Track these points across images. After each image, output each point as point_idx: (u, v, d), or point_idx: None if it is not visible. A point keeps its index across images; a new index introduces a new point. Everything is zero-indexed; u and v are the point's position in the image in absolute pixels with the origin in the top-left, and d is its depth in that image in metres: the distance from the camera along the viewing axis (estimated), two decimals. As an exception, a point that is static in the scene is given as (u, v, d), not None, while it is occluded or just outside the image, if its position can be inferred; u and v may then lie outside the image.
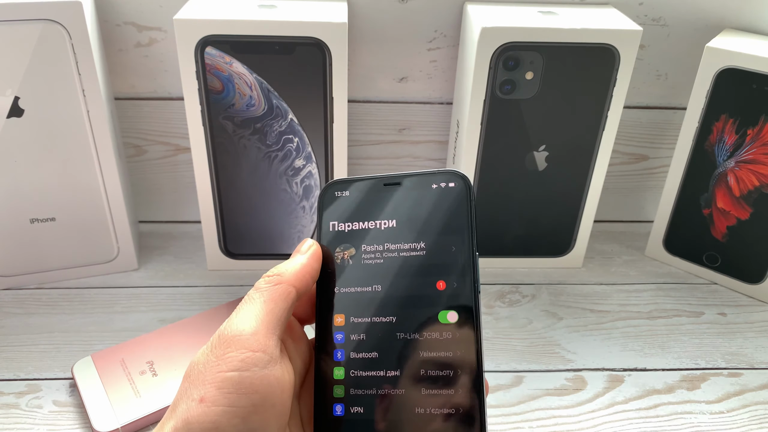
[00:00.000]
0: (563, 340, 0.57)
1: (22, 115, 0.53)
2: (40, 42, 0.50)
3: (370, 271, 0.31)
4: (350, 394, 0.30)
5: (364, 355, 0.30)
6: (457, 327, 0.29)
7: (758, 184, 0.58)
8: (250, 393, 0.27)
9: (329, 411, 0.30)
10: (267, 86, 0.55)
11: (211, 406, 0.26)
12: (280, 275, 0.30)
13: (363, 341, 0.30)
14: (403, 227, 0.31)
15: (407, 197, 0.31)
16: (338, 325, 0.31)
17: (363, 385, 0.30)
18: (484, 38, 0.53)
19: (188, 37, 0.52)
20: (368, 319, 0.30)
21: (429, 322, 0.30)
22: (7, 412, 0.49)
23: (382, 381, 0.29)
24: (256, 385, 0.27)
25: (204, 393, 0.27)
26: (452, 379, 0.29)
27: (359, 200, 0.32)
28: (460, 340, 0.29)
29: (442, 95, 0.65)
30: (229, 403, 0.26)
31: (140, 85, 0.63)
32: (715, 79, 0.57)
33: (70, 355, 0.54)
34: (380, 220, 0.31)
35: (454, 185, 0.31)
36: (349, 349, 0.30)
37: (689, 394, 0.53)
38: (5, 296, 0.60)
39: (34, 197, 0.57)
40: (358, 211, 0.31)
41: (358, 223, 0.31)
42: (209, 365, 0.27)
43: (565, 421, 0.50)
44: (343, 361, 0.30)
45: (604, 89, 0.56)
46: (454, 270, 0.30)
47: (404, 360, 0.29)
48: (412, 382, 0.29)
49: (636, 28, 0.54)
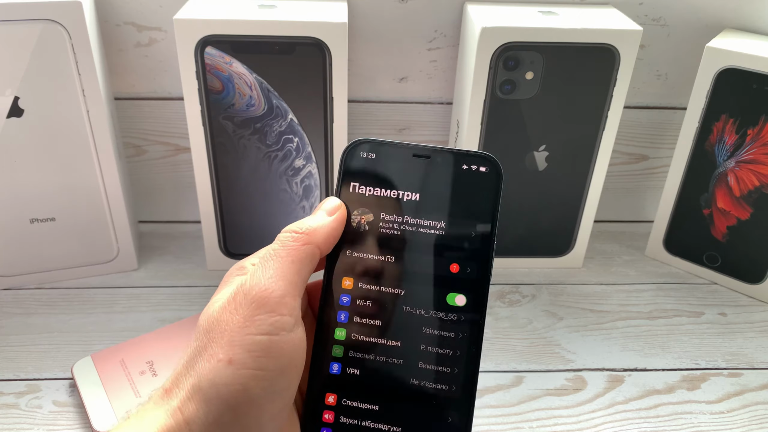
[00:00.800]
0: (563, 340, 0.57)
1: (22, 115, 0.53)
2: (40, 42, 0.50)
3: (385, 240, 0.30)
4: (348, 355, 0.30)
5: (368, 321, 0.30)
6: (462, 311, 0.30)
7: (758, 184, 0.58)
8: (279, 356, 0.27)
9: (325, 368, 0.30)
10: (267, 86, 0.55)
11: (241, 368, 0.26)
12: (308, 235, 0.29)
13: (368, 307, 0.30)
14: (426, 203, 0.30)
15: (435, 173, 0.31)
16: (346, 287, 0.30)
17: (362, 348, 0.30)
18: (484, 38, 0.53)
19: (188, 37, 0.52)
20: (377, 287, 0.30)
21: (436, 301, 0.30)
22: (6, 412, 0.49)
23: (381, 348, 0.30)
24: (284, 349, 0.27)
25: (232, 355, 0.26)
26: (449, 358, 0.29)
27: (385, 166, 0.31)
28: (464, 323, 0.30)
29: (442, 95, 0.65)
30: (258, 366, 0.26)
31: (140, 85, 0.63)
32: (715, 79, 0.57)
33: (70, 355, 0.53)
34: (404, 191, 0.31)
35: (485, 170, 0.31)
36: (353, 313, 0.30)
37: (689, 394, 0.53)
38: (5, 296, 0.60)
39: (34, 197, 0.57)
40: (382, 177, 0.31)
41: (381, 190, 0.31)
42: (236, 326, 0.27)
43: (565, 421, 0.50)
44: (345, 322, 0.30)
45: (604, 89, 0.56)
46: (470, 255, 0.30)
47: (406, 332, 0.30)
48: (410, 355, 0.30)
49: (636, 28, 0.54)
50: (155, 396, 0.28)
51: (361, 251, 0.31)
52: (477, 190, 0.30)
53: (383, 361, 0.30)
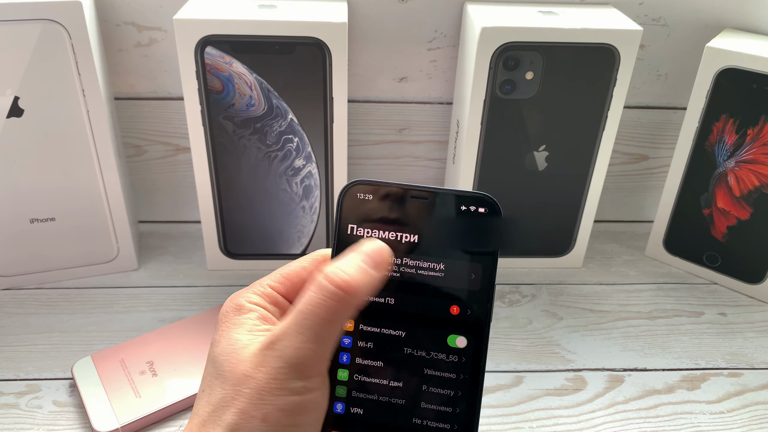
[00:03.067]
0: (563, 340, 0.57)
1: (22, 115, 0.53)
2: (40, 42, 0.50)
3: (385, 282, 0.31)
4: (351, 396, 0.30)
5: (369, 362, 0.31)
6: (463, 352, 0.30)
7: (758, 184, 0.58)
8: (310, 412, 0.28)
9: (329, 408, 0.30)
10: (267, 86, 0.55)
11: (274, 426, 0.27)
12: (349, 295, 0.28)
13: (369, 349, 0.31)
14: (424, 244, 0.31)
15: (433, 214, 0.31)
16: (347, 329, 0.31)
17: (364, 389, 0.31)
18: (484, 38, 0.53)
19: (188, 37, 0.52)
20: (377, 330, 0.31)
21: (437, 342, 0.30)
22: (6, 412, 0.49)
23: (383, 389, 0.30)
24: (316, 404, 0.28)
25: (266, 413, 0.27)
26: (451, 399, 0.30)
27: (382, 207, 0.31)
28: (465, 364, 0.30)
29: (442, 95, 0.65)
30: (290, 423, 0.27)
31: (140, 85, 0.63)
32: (715, 79, 0.57)
33: (70, 355, 0.54)
34: (402, 233, 0.31)
35: (484, 211, 0.31)
36: (355, 354, 0.31)
37: (689, 394, 0.53)
38: (5, 296, 0.60)
39: (34, 197, 0.57)
40: (379, 218, 0.31)
41: (379, 232, 0.31)
42: (270, 388, 0.27)
43: (565, 421, 0.50)
44: (347, 364, 0.31)
45: (604, 89, 0.56)
46: (470, 298, 0.30)
47: (408, 373, 0.30)
48: (412, 394, 0.30)
49: (636, 28, 0.54)
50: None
51: None
52: (476, 231, 0.31)
53: (386, 401, 0.30)
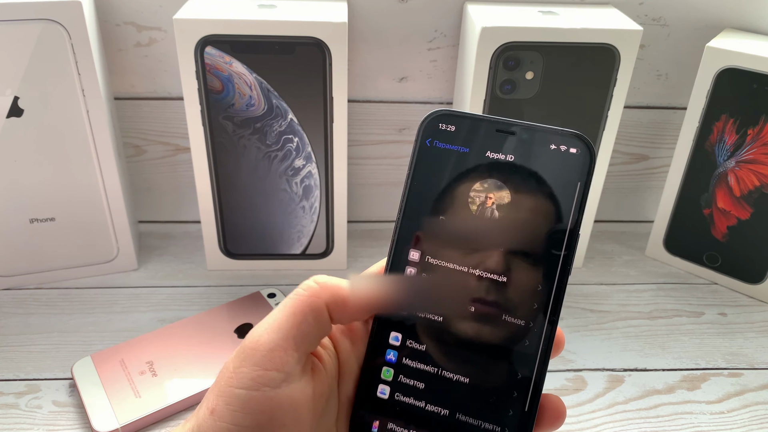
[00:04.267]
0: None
1: (22, 115, 0.53)
2: (40, 42, 0.50)
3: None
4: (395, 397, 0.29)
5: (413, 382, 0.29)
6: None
7: (758, 184, 0.58)
8: (256, 413, 0.25)
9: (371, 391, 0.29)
10: (267, 86, 0.55)
11: (218, 420, 0.25)
12: (319, 288, 0.27)
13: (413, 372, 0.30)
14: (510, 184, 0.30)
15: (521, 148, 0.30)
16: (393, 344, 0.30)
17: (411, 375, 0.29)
18: (484, 38, 0.53)
19: (188, 37, 0.52)
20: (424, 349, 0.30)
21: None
22: (6, 413, 0.49)
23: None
24: (263, 406, 0.25)
25: (215, 404, 0.26)
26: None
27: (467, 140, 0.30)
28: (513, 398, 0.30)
29: (442, 95, 0.65)
30: (233, 421, 0.25)
31: (140, 85, 0.63)
32: (716, 79, 0.57)
33: (70, 355, 0.53)
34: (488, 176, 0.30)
35: (575, 151, 0.30)
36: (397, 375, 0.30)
37: (689, 394, 0.53)
38: (5, 296, 0.60)
39: (34, 197, 0.57)
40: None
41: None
42: (225, 375, 0.26)
43: (565, 421, 0.50)
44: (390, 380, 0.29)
45: (604, 89, 0.56)
46: (530, 334, 0.30)
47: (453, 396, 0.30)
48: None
49: (636, 27, 0.54)
50: (176, 429, 0.28)
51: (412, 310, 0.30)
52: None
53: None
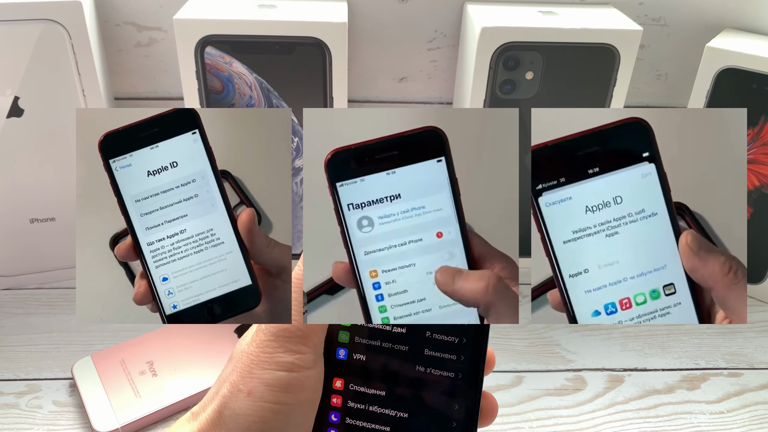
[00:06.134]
0: (563, 340, 0.57)
1: (22, 115, 0.53)
2: (40, 42, 0.50)
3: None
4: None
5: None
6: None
7: (758, 184, 0.59)
8: (298, 392, 0.27)
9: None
10: (267, 86, 0.55)
11: (259, 401, 0.27)
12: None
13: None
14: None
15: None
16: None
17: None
18: (484, 38, 0.53)
19: (188, 37, 0.52)
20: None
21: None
22: (6, 412, 0.49)
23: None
24: (303, 385, 0.27)
25: (252, 387, 0.27)
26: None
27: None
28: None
29: (442, 95, 0.65)
30: (276, 400, 0.27)
31: (140, 85, 0.63)
32: (715, 79, 0.57)
33: (70, 355, 0.53)
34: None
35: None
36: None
37: (689, 394, 0.53)
38: (5, 296, 0.60)
39: (34, 197, 0.57)
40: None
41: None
42: (259, 361, 0.27)
43: (565, 421, 0.50)
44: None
45: (604, 89, 0.56)
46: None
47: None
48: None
49: (636, 27, 0.54)
50: (183, 419, 0.29)
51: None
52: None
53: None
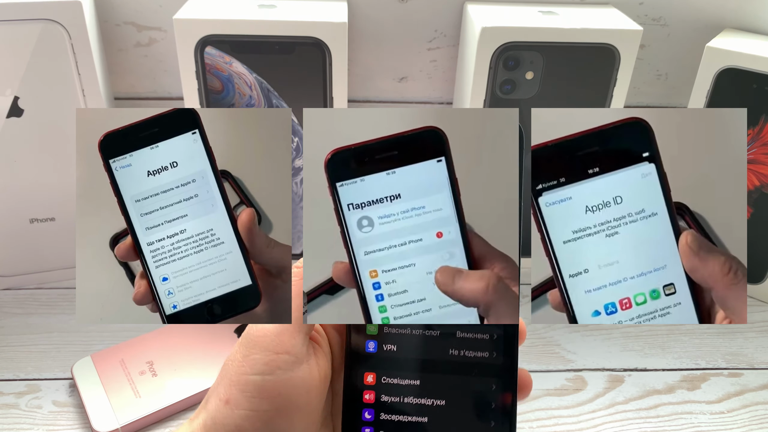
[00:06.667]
0: (563, 340, 0.57)
1: (22, 115, 0.53)
2: (40, 42, 0.50)
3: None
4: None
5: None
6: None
7: (758, 184, 0.58)
8: (273, 397, 0.26)
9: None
10: (267, 86, 0.55)
11: (235, 408, 0.26)
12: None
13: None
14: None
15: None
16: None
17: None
18: (484, 38, 0.53)
19: (188, 37, 0.52)
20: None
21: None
22: (6, 412, 0.49)
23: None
24: (279, 389, 0.26)
25: (229, 394, 0.26)
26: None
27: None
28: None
29: (442, 95, 0.65)
30: (251, 407, 0.26)
31: (140, 85, 0.63)
32: (716, 79, 0.57)
33: (70, 355, 0.53)
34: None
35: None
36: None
37: (689, 394, 0.53)
38: (5, 296, 0.60)
39: (34, 197, 0.57)
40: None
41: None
42: (235, 364, 0.27)
43: (565, 421, 0.50)
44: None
45: (604, 89, 0.56)
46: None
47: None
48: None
49: (636, 27, 0.54)
50: (182, 427, 0.29)
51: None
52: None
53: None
